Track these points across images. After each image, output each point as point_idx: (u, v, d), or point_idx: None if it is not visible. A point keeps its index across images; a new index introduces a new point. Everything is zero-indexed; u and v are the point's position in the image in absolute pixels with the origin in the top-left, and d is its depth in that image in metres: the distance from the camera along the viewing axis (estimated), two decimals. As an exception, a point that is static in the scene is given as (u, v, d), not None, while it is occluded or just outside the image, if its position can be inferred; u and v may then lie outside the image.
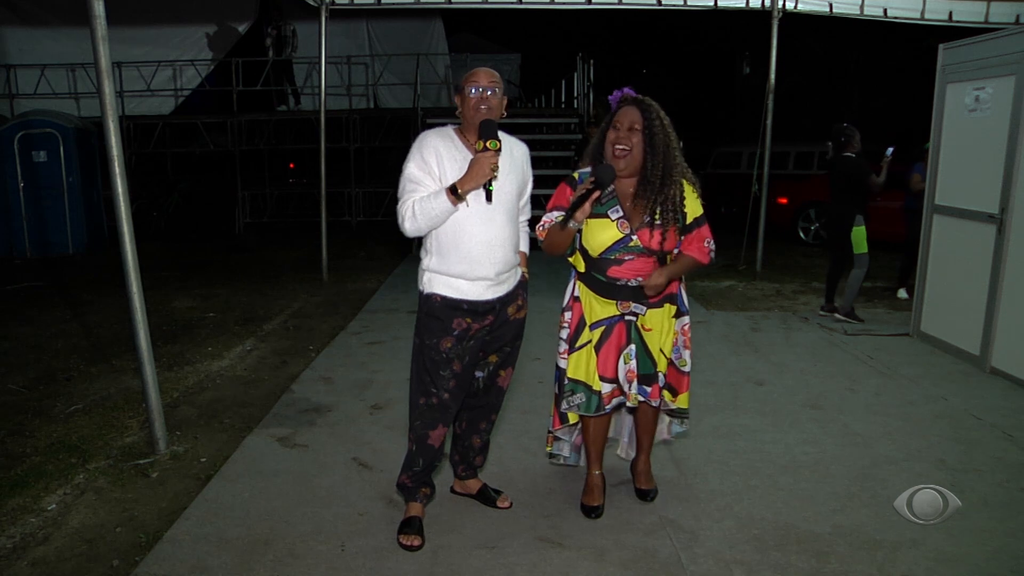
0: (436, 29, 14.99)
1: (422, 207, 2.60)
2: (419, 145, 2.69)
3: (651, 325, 2.84)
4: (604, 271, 2.81)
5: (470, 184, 2.56)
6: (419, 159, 2.65)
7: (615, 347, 2.84)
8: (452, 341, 2.71)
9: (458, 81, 2.82)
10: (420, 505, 2.91)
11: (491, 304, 2.75)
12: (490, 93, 2.65)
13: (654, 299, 2.81)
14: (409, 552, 2.73)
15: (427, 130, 2.77)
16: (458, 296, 2.70)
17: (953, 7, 7.89)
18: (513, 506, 3.06)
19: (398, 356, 5.22)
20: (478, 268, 2.67)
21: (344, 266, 8.91)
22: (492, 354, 2.91)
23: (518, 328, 2.91)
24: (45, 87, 12.20)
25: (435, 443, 2.81)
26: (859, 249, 6.05)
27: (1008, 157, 4.65)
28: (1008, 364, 4.70)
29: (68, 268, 8.97)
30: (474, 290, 2.70)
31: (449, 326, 2.71)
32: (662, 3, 8.12)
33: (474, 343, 2.76)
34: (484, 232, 2.66)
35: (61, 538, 2.88)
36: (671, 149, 2.74)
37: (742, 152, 13.38)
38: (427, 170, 2.64)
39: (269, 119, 13.22)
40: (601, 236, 2.75)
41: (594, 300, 2.86)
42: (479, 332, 2.76)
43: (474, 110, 2.65)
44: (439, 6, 10.81)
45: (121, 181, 3.33)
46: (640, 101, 2.76)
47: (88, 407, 4.28)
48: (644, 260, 2.77)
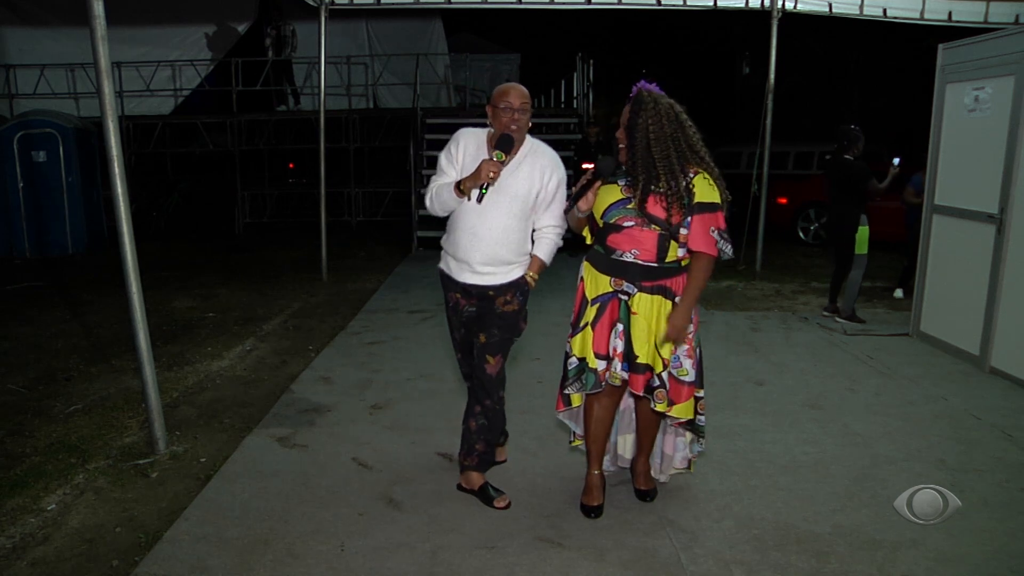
0: (436, 29, 14.98)
1: (438, 192, 2.99)
2: (455, 138, 3.04)
3: (638, 309, 2.81)
4: (605, 239, 2.86)
5: (469, 183, 2.88)
6: (450, 151, 3.03)
7: (608, 323, 2.85)
8: (449, 310, 3.17)
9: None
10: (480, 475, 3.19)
11: (469, 288, 3.02)
12: (520, 114, 2.92)
13: (647, 283, 2.79)
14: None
15: (465, 128, 3.09)
16: (447, 272, 3.10)
17: (952, 7, 7.89)
18: (513, 506, 3.06)
19: (398, 356, 5.22)
20: (462, 252, 2.99)
21: (344, 266, 8.91)
22: (480, 332, 3.08)
23: (507, 319, 3.04)
24: (45, 87, 12.19)
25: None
26: (860, 250, 6.04)
27: (1007, 157, 4.65)
28: (1008, 364, 4.70)
29: (68, 268, 8.97)
30: (459, 269, 3.04)
31: (447, 296, 3.15)
32: (662, 3, 8.12)
33: (467, 319, 3.11)
34: (470, 222, 2.95)
35: (61, 538, 2.88)
36: (654, 143, 2.71)
37: (742, 152, 13.35)
38: (452, 162, 3.01)
39: (269, 119, 13.21)
40: (606, 197, 2.84)
41: (594, 276, 2.90)
42: (467, 310, 3.09)
43: (505, 127, 2.91)
44: (439, 6, 10.80)
45: (121, 181, 3.34)
46: (637, 98, 2.78)
47: (88, 407, 4.28)
48: (643, 231, 2.76)
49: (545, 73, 18.26)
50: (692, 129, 2.79)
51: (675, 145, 2.74)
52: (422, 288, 7.56)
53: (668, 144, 2.73)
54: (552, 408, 4.14)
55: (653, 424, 3.10)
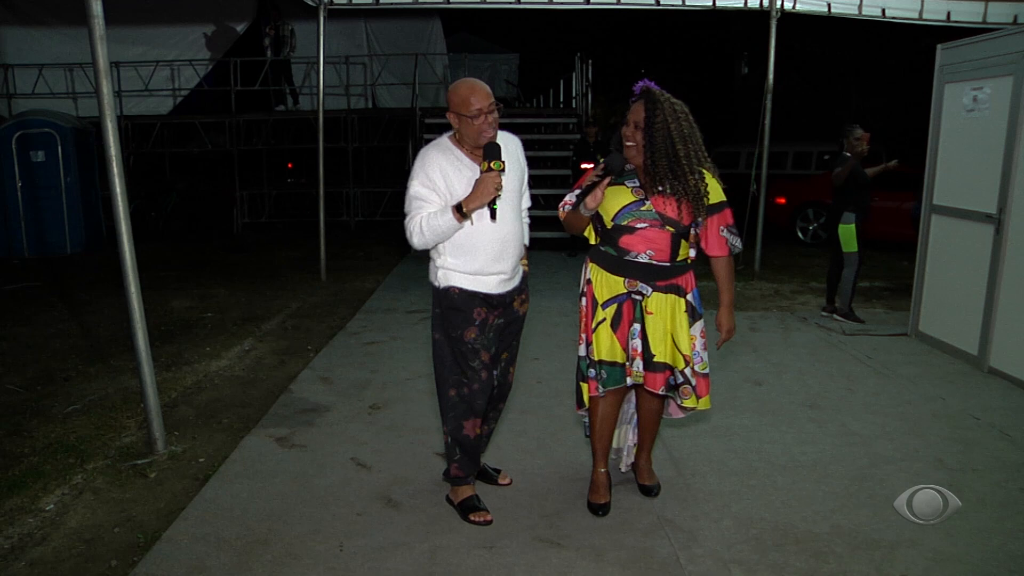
0: (434, 29, 14.99)
1: (429, 224, 2.71)
2: (422, 163, 2.77)
3: (653, 309, 2.82)
4: (616, 241, 2.82)
5: (475, 203, 2.67)
6: (423, 177, 2.74)
7: (627, 324, 2.86)
8: (476, 331, 2.83)
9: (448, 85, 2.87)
10: (471, 486, 3.04)
11: (503, 297, 2.89)
12: (491, 115, 2.71)
13: (661, 283, 2.81)
14: (478, 526, 2.89)
15: (426, 146, 2.84)
16: (475, 288, 2.82)
17: (951, 7, 7.90)
18: (511, 506, 3.06)
19: (396, 356, 5.22)
20: (495, 264, 2.81)
21: (342, 266, 8.91)
22: (504, 351, 3.03)
23: (523, 322, 3.08)
24: (43, 87, 12.18)
25: (470, 433, 2.92)
26: (847, 248, 6.03)
27: (1006, 157, 4.65)
28: (1006, 364, 4.70)
29: (66, 268, 8.96)
30: (490, 283, 2.83)
31: (471, 316, 2.82)
32: (660, 3, 8.12)
33: (493, 335, 2.90)
34: (498, 231, 2.79)
35: (59, 538, 2.88)
36: (678, 142, 2.73)
37: (740, 152, 13.38)
38: (432, 187, 2.74)
39: (267, 119, 13.20)
40: (615, 200, 2.80)
41: (604, 278, 2.87)
42: (495, 323, 2.90)
43: (480, 134, 2.71)
44: (437, 6, 10.80)
45: (119, 181, 3.33)
46: (649, 96, 2.78)
47: (86, 407, 4.27)
48: (658, 232, 2.77)
49: (544, 73, 18.27)
50: (697, 127, 2.82)
51: (693, 144, 2.77)
52: (421, 288, 7.55)
53: (688, 143, 2.76)
54: (552, 408, 4.17)
55: (654, 421, 3.11)
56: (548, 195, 9.85)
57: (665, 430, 3.68)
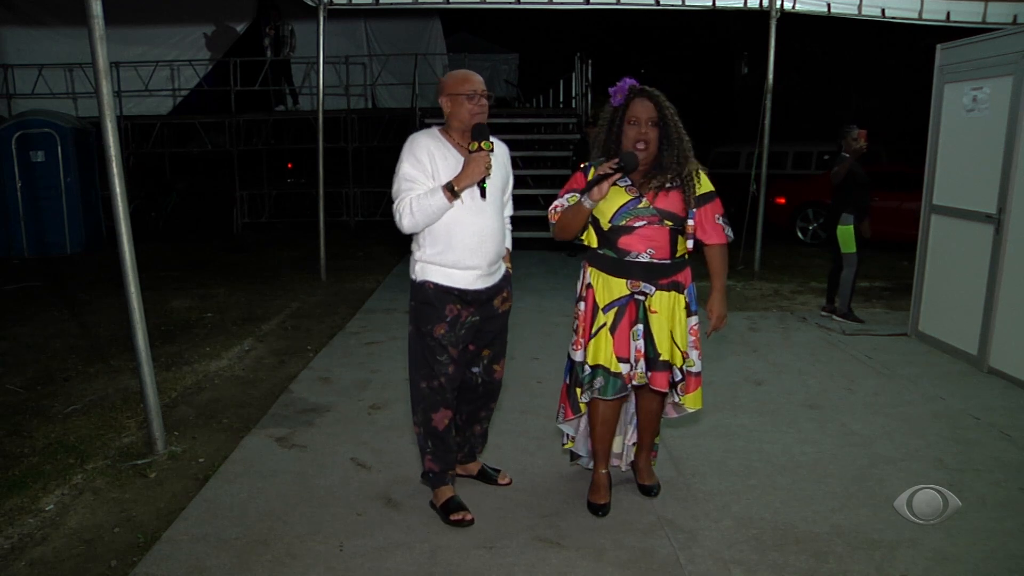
0: (434, 29, 14.98)
1: (419, 204, 2.72)
2: (411, 146, 2.81)
3: (657, 307, 2.83)
4: (615, 242, 2.82)
5: (466, 181, 2.71)
6: (413, 159, 2.77)
7: (628, 326, 2.85)
8: (445, 327, 2.84)
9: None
10: (451, 487, 3.02)
11: (479, 294, 2.88)
12: (484, 99, 2.80)
13: (664, 280, 2.82)
14: (460, 527, 2.88)
15: (415, 133, 2.89)
16: (450, 284, 2.83)
17: (951, 7, 7.90)
18: (511, 506, 3.06)
19: (396, 356, 5.21)
20: (471, 258, 2.81)
21: (342, 266, 8.90)
22: (484, 348, 3.02)
23: (504, 320, 3.07)
24: (43, 87, 12.17)
25: (439, 425, 2.91)
26: (845, 249, 6.03)
27: (1005, 157, 4.65)
28: (1006, 364, 4.70)
29: (66, 268, 8.96)
30: (466, 279, 2.83)
31: (442, 312, 2.83)
32: (660, 3, 8.12)
33: (465, 332, 2.89)
34: (476, 224, 2.80)
35: (59, 538, 2.88)
36: (682, 132, 2.82)
37: (740, 152, 13.37)
38: (421, 168, 2.76)
39: (267, 119, 13.20)
40: (611, 201, 2.80)
41: (605, 281, 2.86)
42: (469, 320, 2.88)
43: (472, 116, 2.78)
44: (437, 6, 10.80)
45: (119, 181, 3.33)
46: (651, 93, 2.81)
47: (86, 407, 4.27)
48: (656, 229, 2.78)
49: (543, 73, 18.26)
50: None
51: (685, 134, 2.84)
52: (421, 288, 7.55)
53: (684, 133, 2.83)
54: (551, 408, 4.16)
55: (654, 421, 3.11)
56: (548, 195, 9.85)
57: (665, 430, 3.67)
